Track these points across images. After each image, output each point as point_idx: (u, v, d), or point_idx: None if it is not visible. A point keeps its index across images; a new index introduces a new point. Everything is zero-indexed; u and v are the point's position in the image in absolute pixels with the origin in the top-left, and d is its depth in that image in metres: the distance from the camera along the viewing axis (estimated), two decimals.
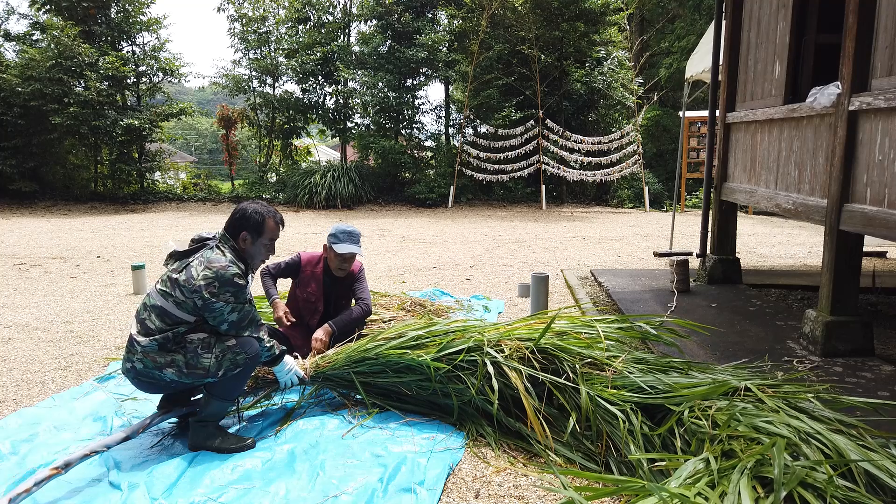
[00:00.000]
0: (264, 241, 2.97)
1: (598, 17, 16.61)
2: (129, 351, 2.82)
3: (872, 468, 2.20)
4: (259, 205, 3.00)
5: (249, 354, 2.85)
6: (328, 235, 3.71)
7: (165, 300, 2.79)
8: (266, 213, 2.97)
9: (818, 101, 3.99)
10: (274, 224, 3.00)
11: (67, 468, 2.50)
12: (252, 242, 2.94)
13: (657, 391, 2.85)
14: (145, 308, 2.84)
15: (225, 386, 2.87)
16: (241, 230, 2.93)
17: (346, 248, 3.63)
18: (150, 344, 2.75)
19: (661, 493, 2.03)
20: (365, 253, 8.95)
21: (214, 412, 2.91)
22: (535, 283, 5.18)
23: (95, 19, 16.67)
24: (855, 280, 3.96)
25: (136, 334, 2.80)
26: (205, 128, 41.24)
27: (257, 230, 2.94)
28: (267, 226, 2.96)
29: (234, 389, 2.92)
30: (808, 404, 2.68)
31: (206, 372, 2.79)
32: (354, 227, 3.75)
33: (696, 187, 15.92)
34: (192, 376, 2.79)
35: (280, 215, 3.07)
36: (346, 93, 17.90)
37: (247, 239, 2.94)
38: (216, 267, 2.77)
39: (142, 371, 2.79)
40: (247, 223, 2.93)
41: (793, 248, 9.34)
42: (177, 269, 2.84)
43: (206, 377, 2.80)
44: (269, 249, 3.02)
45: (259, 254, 2.98)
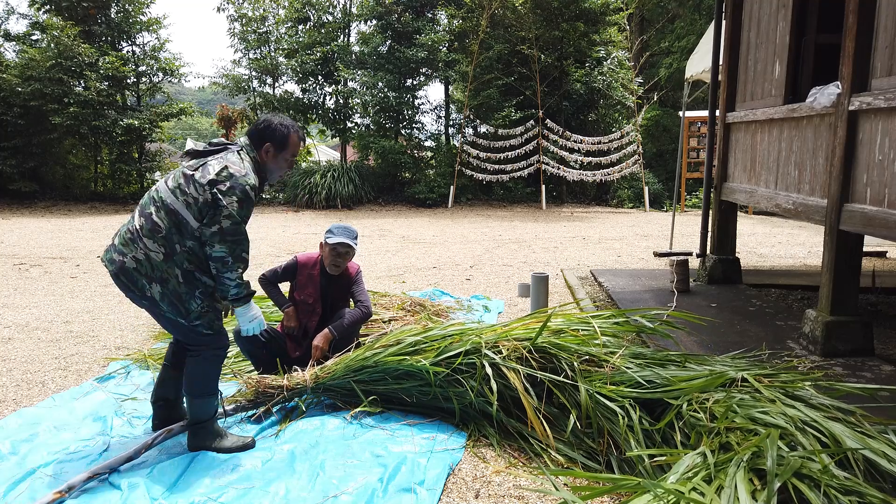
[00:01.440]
0: (286, 156, 2.88)
1: (598, 17, 16.61)
2: (127, 245, 2.68)
3: (870, 454, 2.21)
4: (284, 118, 2.91)
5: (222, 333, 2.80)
6: (325, 233, 3.73)
7: (176, 198, 2.66)
8: (291, 127, 2.88)
9: (818, 101, 3.99)
10: (297, 139, 2.91)
11: (70, 491, 2.49)
12: (275, 156, 2.86)
13: (655, 385, 2.85)
14: (152, 202, 2.70)
15: (195, 377, 2.80)
16: (266, 141, 2.83)
17: (338, 238, 3.61)
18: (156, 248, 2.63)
19: (657, 489, 2.03)
20: (365, 253, 8.96)
21: (201, 412, 2.86)
22: (535, 283, 5.18)
23: (95, 19, 16.66)
24: (855, 280, 3.96)
25: (140, 230, 2.66)
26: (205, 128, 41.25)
27: (282, 144, 2.84)
28: (291, 140, 2.87)
29: (207, 381, 2.84)
30: (806, 392, 2.69)
31: (185, 313, 2.69)
32: (352, 226, 3.77)
33: (696, 187, 15.91)
34: (169, 308, 2.68)
35: (303, 132, 3.00)
36: (346, 93, 17.91)
37: (269, 151, 2.85)
38: (234, 169, 2.67)
39: (130, 270, 2.65)
40: (272, 135, 2.83)
41: (793, 248, 9.34)
42: (192, 167, 2.72)
43: (178, 318, 2.70)
44: (289, 165, 2.93)
45: (279, 168, 2.89)
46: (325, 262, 3.71)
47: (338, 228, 3.69)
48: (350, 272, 3.81)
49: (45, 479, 2.63)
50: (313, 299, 3.73)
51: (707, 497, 1.99)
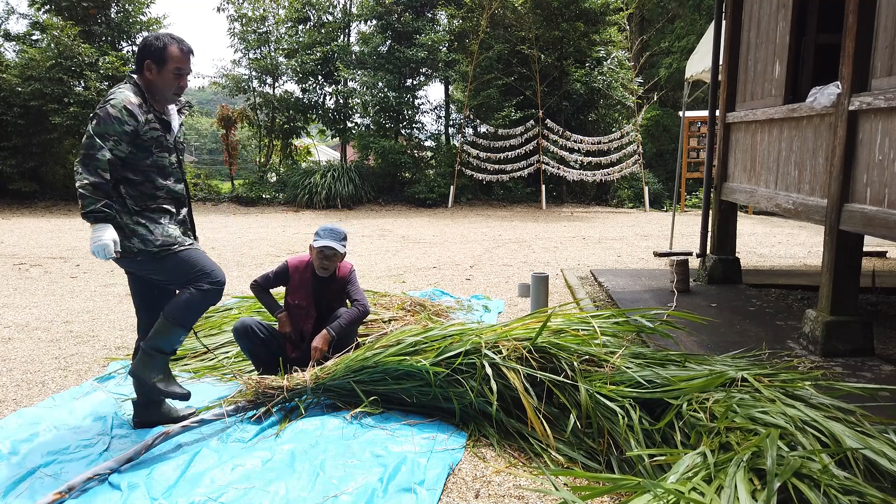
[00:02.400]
0: (170, 70, 2.82)
1: (598, 17, 16.61)
2: None
3: (871, 454, 2.21)
4: (165, 33, 2.88)
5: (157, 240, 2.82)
6: (314, 235, 3.72)
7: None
8: (169, 39, 2.84)
9: (818, 101, 3.99)
10: (178, 51, 2.84)
11: (71, 491, 2.50)
12: (158, 72, 2.82)
13: (655, 385, 2.85)
14: None
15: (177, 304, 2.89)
16: (144, 59, 2.81)
17: (323, 242, 3.60)
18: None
19: (657, 489, 2.03)
20: (365, 253, 8.96)
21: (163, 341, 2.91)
22: (535, 283, 5.18)
23: (95, 19, 16.66)
24: (855, 280, 3.96)
25: None
26: (205, 128, 41.21)
27: (160, 57, 2.80)
28: (170, 52, 2.81)
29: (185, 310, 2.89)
30: (806, 392, 2.70)
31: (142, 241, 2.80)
32: (340, 227, 3.74)
33: (696, 187, 15.91)
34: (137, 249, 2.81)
35: (189, 45, 2.90)
36: (346, 93, 17.91)
37: (151, 68, 2.82)
38: (107, 97, 2.74)
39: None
40: (149, 51, 2.81)
41: (793, 248, 9.34)
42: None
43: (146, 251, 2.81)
44: (177, 79, 2.87)
45: (167, 84, 2.85)
46: (314, 265, 3.70)
47: (324, 231, 3.67)
48: (343, 272, 3.78)
49: (46, 480, 2.64)
50: (307, 302, 3.71)
51: (707, 497, 1.99)
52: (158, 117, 2.86)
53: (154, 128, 2.83)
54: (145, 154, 2.82)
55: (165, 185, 2.91)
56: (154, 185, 2.86)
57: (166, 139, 2.90)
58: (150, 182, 2.85)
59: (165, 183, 2.91)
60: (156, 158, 2.86)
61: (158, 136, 2.85)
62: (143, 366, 2.91)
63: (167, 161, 2.91)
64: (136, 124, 2.74)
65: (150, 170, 2.85)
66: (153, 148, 2.84)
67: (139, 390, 3.12)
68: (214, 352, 4.17)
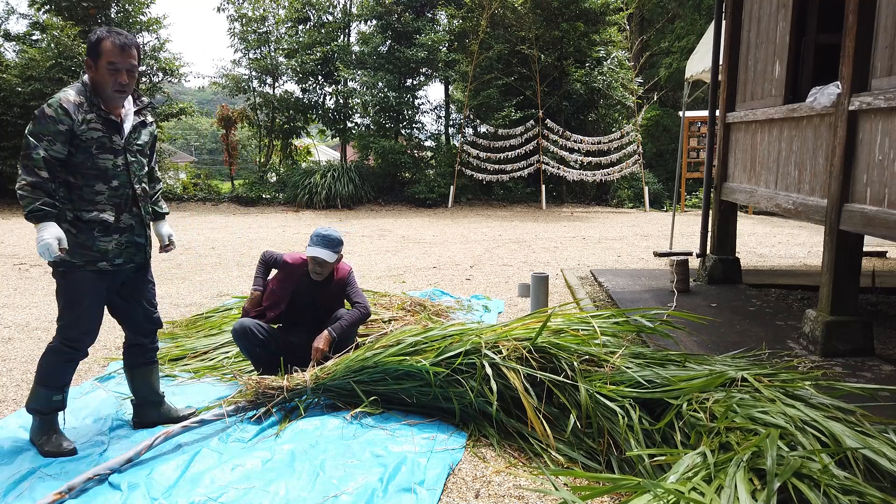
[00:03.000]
0: (104, 64, 2.69)
1: (598, 17, 16.61)
2: None
3: (870, 454, 2.21)
4: (103, 27, 2.78)
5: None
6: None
7: None
8: (104, 32, 2.71)
9: (818, 101, 3.99)
10: (111, 44, 2.69)
11: (71, 491, 2.49)
12: (95, 69, 2.72)
13: (655, 385, 2.85)
14: None
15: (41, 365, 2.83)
16: (87, 57, 2.74)
17: (313, 252, 3.57)
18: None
19: (657, 489, 2.03)
20: (365, 253, 8.96)
21: (35, 402, 2.85)
22: (535, 283, 5.18)
23: (95, 19, 16.66)
24: (855, 280, 3.96)
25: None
26: (205, 128, 41.21)
27: (94, 51, 2.70)
28: (103, 47, 2.68)
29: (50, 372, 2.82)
30: (806, 392, 2.70)
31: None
32: (334, 232, 3.66)
33: (696, 187, 15.91)
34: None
35: (126, 38, 2.74)
36: (346, 93, 17.91)
37: (91, 66, 2.73)
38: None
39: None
40: (87, 48, 2.72)
41: (793, 248, 9.34)
42: None
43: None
44: (114, 74, 2.71)
45: (105, 80, 2.71)
46: (308, 267, 3.69)
47: (317, 237, 3.61)
48: (341, 274, 3.77)
49: (46, 479, 2.64)
50: (283, 293, 3.71)
51: (707, 497, 1.99)
52: (104, 117, 2.74)
53: (94, 128, 2.71)
54: (84, 155, 2.71)
55: (107, 188, 2.77)
56: (93, 189, 2.74)
57: (111, 140, 2.77)
58: (88, 186, 2.74)
59: (107, 186, 2.77)
60: (97, 160, 2.73)
61: (100, 137, 2.73)
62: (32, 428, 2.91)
63: (110, 163, 2.76)
64: (71, 123, 2.64)
65: (89, 172, 2.73)
66: (93, 149, 2.72)
67: (136, 392, 3.13)
68: (214, 352, 4.17)
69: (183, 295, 6.15)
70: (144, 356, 3.13)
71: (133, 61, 2.75)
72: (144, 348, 3.12)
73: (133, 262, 2.94)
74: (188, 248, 9.53)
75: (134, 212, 2.89)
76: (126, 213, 2.86)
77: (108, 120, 2.77)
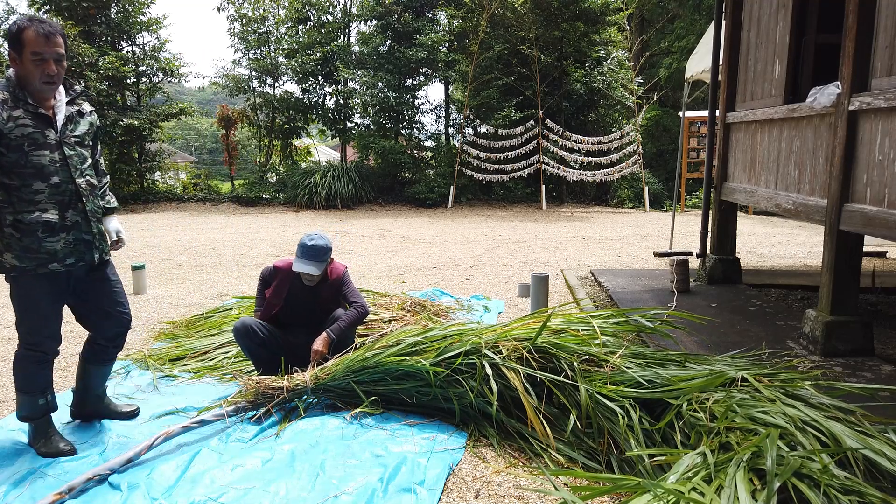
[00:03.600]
0: (28, 56, 2.54)
1: (598, 17, 16.61)
2: None
3: (870, 454, 2.21)
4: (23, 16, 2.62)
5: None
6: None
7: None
8: (25, 21, 2.55)
9: (818, 101, 3.99)
10: (35, 34, 2.53)
11: (71, 492, 2.50)
12: (19, 61, 2.57)
13: (655, 385, 2.85)
14: None
15: (15, 373, 2.80)
16: (9, 50, 2.58)
17: (299, 266, 3.52)
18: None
19: (657, 489, 2.03)
20: (365, 253, 8.96)
21: (23, 410, 2.85)
22: (535, 283, 5.18)
23: (95, 19, 16.66)
24: (855, 280, 3.96)
25: None
26: (205, 128, 41.22)
27: (16, 42, 2.54)
28: (25, 36, 2.53)
29: (25, 378, 2.80)
30: (806, 392, 2.70)
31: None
32: (321, 240, 3.57)
33: (696, 187, 15.91)
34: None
35: (50, 26, 2.59)
36: (346, 93, 17.90)
37: (14, 58, 2.57)
38: None
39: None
40: (7, 40, 2.58)
41: (793, 248, 9.34)
42: None
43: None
44: (38, 66, 2.56)
45: (31, 73, 2.57)
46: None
47: (304, 250, 3.52)
48: (336, 274, 3.74)
49: (46, 480, 2.64)
50: (277, 298, 3.69)
51: (707, 497, 1.99)
52: (33, 112, 2.61)
53: (23, 124, 2.58)
54: (17, 154, 2.57)
55: (46, 186, 2.64)
56: (31, 189, 2.61)
57: (44, 135, 2.63)
58: (26, 186, 2.60)
59: (46, 184, 2.64)
60: (31, 158, 2.59)
61: (31, 133, 2.59)
62: (29, 434, 2.90)
63: (46, 159, 2.63)
64: None
65: (24, 171, 2.59)
66: (25, 146, 2.58)
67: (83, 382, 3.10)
68: (214, 352, 4.17)
69: (183, 295, 6.15)
70: (105, 355, 3.08)
71: (60, 49, 2.61)
72: (106, 350, 3.07)
73: (84, 261, 2.82)
74: (188, 248, 9.53)
75: (79, 208, 2.75)
76: (71, 210, 2.73)
77: (38, 114, 2.64)
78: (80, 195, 2.75)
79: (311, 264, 3.53)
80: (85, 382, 3.10)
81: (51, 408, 2.90)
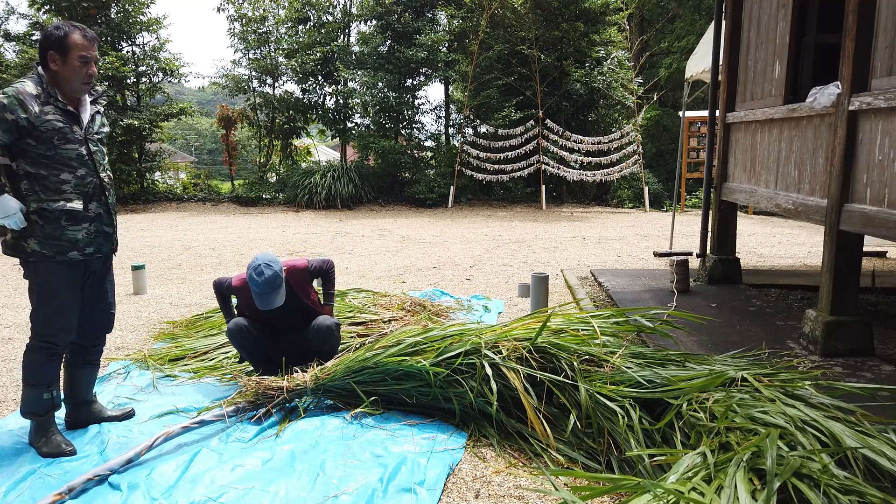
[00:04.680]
0: (75, 59, 2.74)
1: (598, 17, 16.61)
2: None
3: (870, 454, 2.21)
4: (62, 22, 2.79)
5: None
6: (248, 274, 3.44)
7: None
8: (70, 27, 2.75)
9: (818, 101, 3.99)
10: (82, 38, 2.76)
11: (71, 492, 2.49)
12: (63, 62, 2.74)
13: (655, 385, 2.85)
14: None
15: (25, 366, 2.84)
16: (48, 50, 2.73)
17: (263, 303, 3.40)
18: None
19: (657, 489, 2.03)
20: (365, 253, 8.96)
21: (27, 405, 2.86)
22: (535, 283, 5.18)
23: (95, 19, 16.65)
24: (855, 280, 3.96)
25: None
26: (205, 128, 41.22)
27: (62, 46, 2.72)
28: (71, 40, 2.73)
29: (34, 370, 2.83)
30: (805, 392, 2.70)
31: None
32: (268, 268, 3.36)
33: (696, 187, 15.91)
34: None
35: (91, 32, 2.83)
36: (346, 93, 17.90)
37: (56, 59, 2.74)
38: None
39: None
40: (50, 41, 2.73)
41: (793, 248, 9.34)
42: None
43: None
44: (84, 67, 2.77)
45: (75, 74, 2.76)
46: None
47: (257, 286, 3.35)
48: (298, 274, 3.67)
49: (46, 480, 2.64)
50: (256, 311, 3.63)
51: (707, 497, 1.99)
52: (62, 108, 2.76)
53: (56, 119, 2.73)
54: (46, 146, 2.72)
55: (72, 177, 2.79)
56: (58, 179, 2.76)
57: (72, 130, 2.79)
58: (53, 175, 2.76)
59: (73, 175, 2.79)
60: (59, 150, 2.75)
61: (61, 128, 2.75)
62: (31, 432, 2.91)
63: (75, 153, 2.80)
64: (27, 114, 2.65)
65: (53, 162, 2.75)
66: (55, 140, 2.73)
67: (73, 392, 3.09)
68: (214, 352, 4.17)
69: (183, 295, 6.15)
70: (88, 356, 3.10)
71: (97, 53, 2.83)
72: (89, 351, 3.09)
73: (101, 253, 2.94)
74: (188, 248, 9.53)
75: (102, 200, 2.91)
76: (94, 202, 2.88)
77: (67, 111, 2.79)
78: (104, 188, 2.92)
79: (273, 296, 3.43)
80: (73, 389, 3.09)
81: (55, 404, 2.91)
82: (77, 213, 2.81)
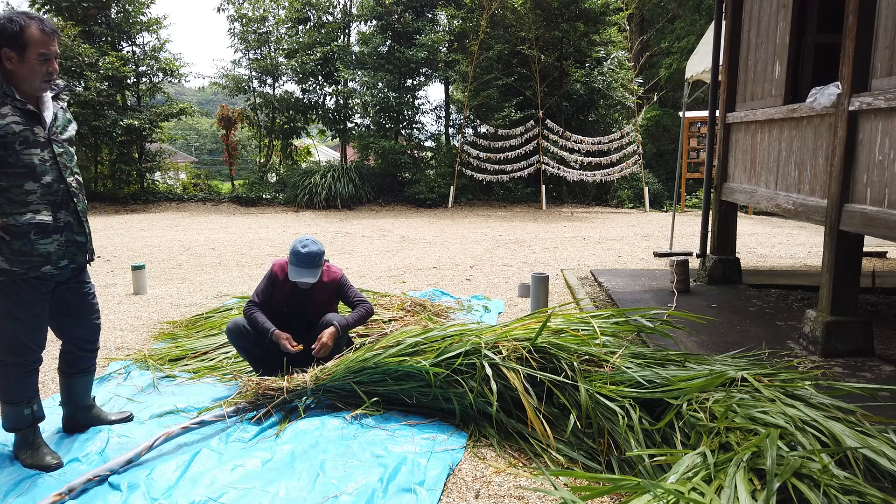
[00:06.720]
0: (33, 56, 2.47)
1: (598, 17, 16.61)
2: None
3: (870, 454, 2.21)
4: (18, 13, 2.48)
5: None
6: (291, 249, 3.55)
7: None
8: (26, 20, 2.45)
9: (818, 102, 3.99)
10: (40, 32, 2.46)
11: (71, 493, 2.49)
12: (20, 60, 2.47)
13: (655, 385, 2.85)
14: None
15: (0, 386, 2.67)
16: (1, 48, 2.44)
17: (297, 275, 3.47)
18: None
19: (657, 489, 2.03)
20: (365, 253, 8.96)
21: (8, 421, 2.73)
22: (535, 284, 5.18)
23: (95, 19, 16.66)
24: (855, 280, 3.96)
25: None
26: (205, 128, 41.24)
27: (19, 42, 2.44)
28: (29, 35, 2.44)
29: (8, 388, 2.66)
30: (805, 392, 2.70)
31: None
32: (313, 245, 3.51)
33: (696, 187, 15.91)
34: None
35: (51, 24, 2.53)
36: (346, 93, 17.90)
37: (11, 57, 2.46)
38: None
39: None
40: (3, 37, 2.43)
41: (793, 248, 9.34)
42: None
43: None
44: (44, 65, 2.51)
45: (34, 72, 2.49)
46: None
47: (298, 257, 3.45)
48: (332, 277, 3.71)
49: (46, 480, 2.64)
50: (282, 303, 3.66)
51: (707, 497, 1.99)
52: (21, 108, 2.52)
53: (14, 122, 2.48)
54: (7, 152, 2.48)
55: (38, 186, 2.55)
56: (22, 189, 2.51)
57: (33, 133, 2.54)
58: (16, 186, 2.51)
59: (38, 184, 2.55)
60: (22, 157, 2.50)
61: (22, 131, 2.50)
62: (14, 444, 2.80)
63: (37, 158, 2.54)
64: None
65: (15, 171, 2.50)
66: (16, 145, 2.49)
67: (70, 398, 3.01)
68: (214, 352, 4.17)
69: (183, 295, 6.15)
70: (83, 363, 2.98)
71: (58, 48, 2.56)
72: (80, 359, 2.98)
73: (75, 263, 2.75)
74: (188, 248, 9.53)
75: (71, 208, 2.68)
76: (63, 211, 2.65)
77: (27, 111, 2.55)
78: (71, 195, 2.68)
79: (308, 272, 3.50)
80: (70, 397, 3.00)
81: (37, 418, 2.77)
82: (46, 225, 2.58)
